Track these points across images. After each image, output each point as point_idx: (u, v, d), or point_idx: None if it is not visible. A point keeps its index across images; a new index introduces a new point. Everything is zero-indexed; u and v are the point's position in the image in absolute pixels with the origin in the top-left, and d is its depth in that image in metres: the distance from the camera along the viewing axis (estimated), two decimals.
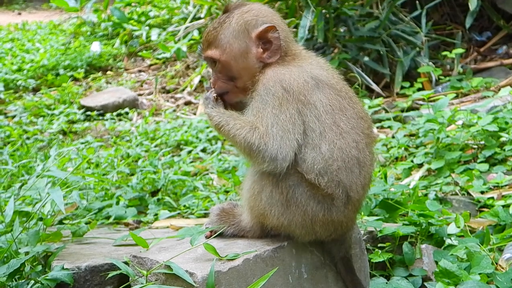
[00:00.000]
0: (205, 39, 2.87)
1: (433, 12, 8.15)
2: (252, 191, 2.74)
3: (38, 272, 2.96)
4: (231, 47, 2.80)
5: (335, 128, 2.69)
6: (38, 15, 14.53)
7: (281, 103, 2.65)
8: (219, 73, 2.85)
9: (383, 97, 6.93)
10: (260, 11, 2.85)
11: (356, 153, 2.71)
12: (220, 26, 2.83)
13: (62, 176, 3.29)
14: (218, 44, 2.82)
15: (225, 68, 2.82)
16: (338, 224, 2.74)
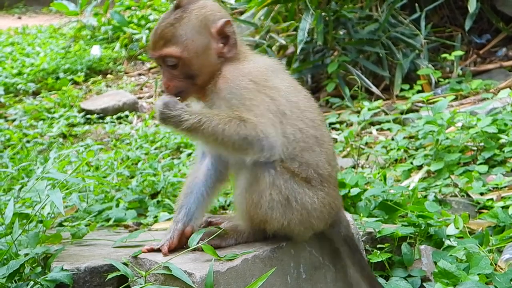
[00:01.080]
0: (160, 36, 2.71)
1: (433, 15, 8.16)
2: (250, 200, 2.71)
3: (37, 273, 2.96)
4: (193, 43, 2.72)
5: (297, 109, 2.77)
6: (38, 19, 14.55)
7: (255, 95, 2.67)
8: (176, 72, 2.73)
9: (382, 100, 6.94)
10: (213, 6, 2.82)
11: (314, 131, 2.79)
12: (178, 21, 2.71)
13: (62, 178, 3.30)
14: (177, 41, 2.70)
15: (185, 65, 2.72)
16: (328, 207, 2.78)
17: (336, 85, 7.25)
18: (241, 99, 2.66)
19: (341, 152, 6.02)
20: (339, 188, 3.96)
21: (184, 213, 2.82)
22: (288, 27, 7.81)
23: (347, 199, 4.17)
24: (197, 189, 2.85)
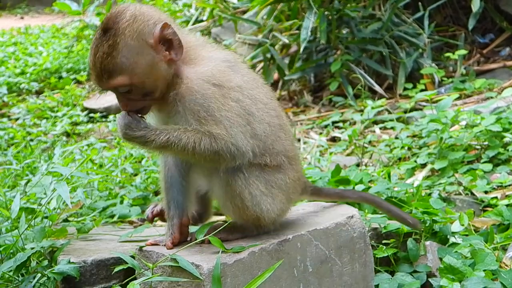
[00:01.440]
0: (102, 70, 2.51)
1: (436, 14, 8.16)
2: (234, 206, 2.72)
3: (44, 266, 2.97)
4: (138, 66, 2.53)
5: (262, 104, 2.77)
6: (40, 19, 14.58)
7: (222, 102, 2.61)
8: (131, 95, 2.59)
9: (386, 99, 6.94)
10: (144, 14, 2.60)
11: (278, 120, 2.84)
12: (114, 49, 2.50)
13: (67, 173, 3.30)
14: (121, 70, 2.51)
15: (138, 88, 2.57)
16: (298, 180, 2.91)
17: (339, 84, 7.25)
18: (209, 110, 2.59)
19: (344, 151, 6.02)
20: (342, 184, 4.03)
21: (174, 207, 2.80)
22: (291, 26, 7.81)
23: None
24: (175, 181, 2.81)
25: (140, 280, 2.54)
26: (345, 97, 7.21)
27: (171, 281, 2.55)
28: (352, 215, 2.95)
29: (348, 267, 2.90)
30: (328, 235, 2.83)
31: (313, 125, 6.89)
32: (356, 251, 2.92)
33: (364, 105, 6.56)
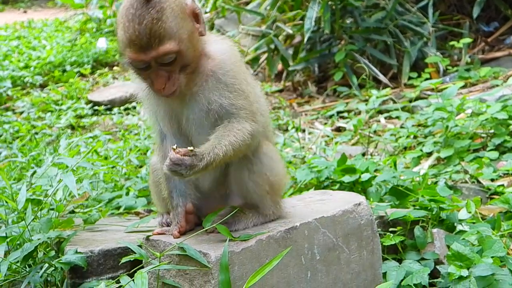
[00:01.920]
0: (152, 36, 2.45)
1: (440, 3, 8.12)
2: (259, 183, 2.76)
3: (51, 257, 2.97)
4: (183, 32, 2.53)
5: (258, 91, 2.88)
6: (43, 12, 14.57)
7: (244, 78, 2.70)
8: (172, 68, 2.54)
9: (390, 88, 6.92)
10: None
11: (263, 98, 2.95)
12: (162, 15, 2.46)
13: (73, 163, 3.29)
14: (171, 35, 2.48)
15: (182, 57, 2.54)
16: None
17: (343, 74, 7.23)
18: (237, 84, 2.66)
19: (349, 140, 6.00)
20: (349, 173, 4.03)
21: (176, 196, 2.78)
22: (294, 16, 7.79)
23: (357, 184, 4.17)
24: None
25: (147, 269, 2.53)
26: (349, 87, 7.20)
27: (178, 269, 2.55)
28: (359, 203, 2.94)
29: (355, 254, 2.89)
30: (335, 222, 2.82)
31: (318, 116, 6.87)
32: (364, 238, 2.91)
33: (369, 94, 6.54)
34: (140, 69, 2.55)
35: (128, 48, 2.50)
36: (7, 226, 3.28)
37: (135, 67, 2.55)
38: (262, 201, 2.80)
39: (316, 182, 4.36)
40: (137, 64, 2.53)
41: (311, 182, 4.40)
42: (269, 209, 2.81)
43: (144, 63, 2.51)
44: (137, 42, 2.46)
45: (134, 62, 2.52)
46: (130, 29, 2.46)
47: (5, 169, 5.31)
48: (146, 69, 2.54)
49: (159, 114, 2.77)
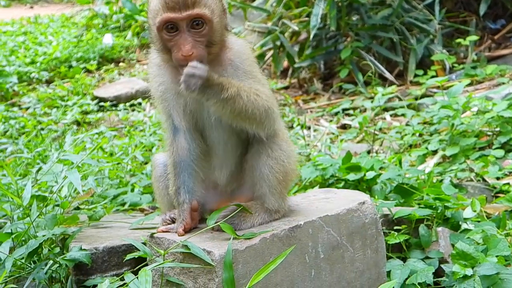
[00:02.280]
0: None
1: (446, 0, 8.08)
2: (278, 167, 2.79)
3: (56, 253, 2.98)
4: (217, 8, 2.65)
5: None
6: (50, 8, 14.58)
7: (257, 67, 2.81)
8: (200, 38, 2.61)
9: (396, 85, 6.91)
10: None
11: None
12: None
13: (78, 160, 3.30)
14: (205, 3, 2.60)
15: (211, 30, 2.62)
16: None
17: (349, 71, 7.22)
18: (254, 72, 2.74)
19: (355, 138, 5.99)
20: (354, 171, 4.02)
21: (184, 192, 2.79)
22: (300, 13, 7.77)
23: (362, 182, 4.16)
24: (185, 166, 2.80)
25: (151, 266, 2.54)
26: (355, 84, 7.18)
27: (182, 267, 2.55)
28: (363, 201, 2.93)
29: (360, 253, 2.89)
30: (339, 221, 2.82)
31: (323, 113, 6.86)
32: (368, 237, 2.91)
33: (375, 92, 6.53)
34: (169, 34, 2.59)
35: (162, 10, 2.57)
36: (12, 222, 3.29)
37: (165, 30, 2.60)
38: (270, 192, 2.80)
39: (321, 179, 4.36)
40: (169, 25, 2.58)
41: (316, 179, 4.39)
42: (274, 204, 2.81)
43: (176, 24, 2.57)
44: (175, 1, 2.55)
45: (167, 22, 2.58)
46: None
47: (11, 164, 5.33)
48: (175, 34, 2.59)
49: (176, 107, 2.78)
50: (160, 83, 2.79)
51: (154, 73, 2.82)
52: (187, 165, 2.80)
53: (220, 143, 2.83)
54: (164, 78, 2.78)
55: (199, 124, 2.80)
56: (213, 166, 2.87)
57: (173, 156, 2.82)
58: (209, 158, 2.86)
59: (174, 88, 2.73)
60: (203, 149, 2.84)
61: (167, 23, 2.59)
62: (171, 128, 2.82)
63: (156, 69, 2.82)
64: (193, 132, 2.81)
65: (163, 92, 2.79)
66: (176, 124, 2.80)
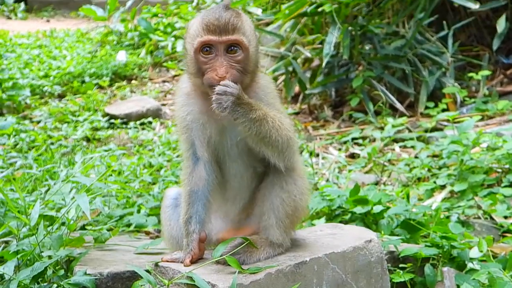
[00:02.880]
0: (229, 23, 2.70)
1: (460, 33, 8.11)
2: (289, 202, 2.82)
3: (60, 276, 2.98)
4: (253, 40, 2.80)
5: None
6: (66, 22, 14.71)
7: (282, 109, 2.92)
8: (235, 63, 2.73)
9: (406, 117, 6.91)
10: None
11: None
12: (240, 16, 2.75)
13: (87, 183, 3.33)
14: (244, 32, 2.74)
15: (246, 58, 2.74)
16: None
17: (360, 100, 7.23)
18: (277, 106, 2.86)
19: (363, 168, 5.99)
20: (361, 204, 4.01)
21: (195, 222, 2.82)
22: (314, 40, 7.81)
23: (369, 216, 4.15)
24: (200, 196, 2.84)
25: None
26: (365, 114, 7.19)
27: None
28: (370, 239, 2.93)
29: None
30: (345, 258, 2.81)
31: (333, 141, 6.87)
32: (373, 275, 2.90)
33: (385, 122, 6.53)
34: (206, 56, 2.70)
35: (202, 33, 2.70)
36: (18, 240, 3.31)
37: (202, 52, 2.70)
38: (277, 224, 2.82)
39: (328, 210, 4.35)
40: (206, 47, 2.70)
41: (322, 210, 4.39)
42: (279, 237, 2.82)
43: (214, 47, 2.69)
44: (215, 24, 2.69)
45: (205, 44, 2.70)
46: (210, 15, 2.71)
47: (19, 179, 5.35)
48: (212, 57, 2.71)
49: (200, 137, 2.84)
50: (188, 112, 2.85)
51: (182, 102, 2.88)
52: (202, 195, 2.84)
53: (237, 175, 2.88)
54: (192, 108, 2.85)
55: (219, 156, 2.87)
56: (227, 198, 2.92)
57: (190, 185, 2.86)
58: (224, 191, 2.90)
59: (201, 118, 2.81)
60: (219, 181, 2.89)
61: (205, 46, 2.70)
62: (192, 157, 2.88)
63: (184, 98, 2.88)
64: (213, 164, 2.87)
65: (190, 122, 2.85)
66: (198, 154, 2.86)
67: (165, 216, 3.00)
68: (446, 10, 8.06)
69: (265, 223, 2.82)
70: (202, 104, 2.81)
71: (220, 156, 2.87)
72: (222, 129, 2.82)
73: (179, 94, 2.92)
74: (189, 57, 2.77)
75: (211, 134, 2.83)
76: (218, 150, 2.86)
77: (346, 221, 4.14)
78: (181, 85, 2.93)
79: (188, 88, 2.88)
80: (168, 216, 2.98)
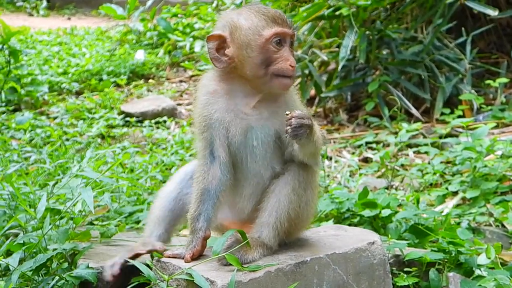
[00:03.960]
0: (288, 18, 2.89)
1: (479, 40, 8.04)
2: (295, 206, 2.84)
3: (64, 269, 3.00)
4: None
5: None
6: (86, 21, 14.85)
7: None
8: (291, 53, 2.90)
9: (422, 122, 6.86)
10: None
11: None
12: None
13: (95, 177, 3.34)
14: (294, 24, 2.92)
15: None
16: None
17: (375, 105, 7.19)
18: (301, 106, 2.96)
19: (375, 172, 5.96)
20: (369, 208, 3.99)
21: (203, 220, 2.84)
22: (331, 43, 7.79)
23: (377, 219, 4.13)
24: (212, 195, 2.87)
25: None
26: (380, 118, 7.15)
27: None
28: (373, 241, 2.91)
29: None
30: (347, 260, 2.80)
31: (346, 144, 6.84)
32: (375, 278, 2.88)
33: (399, 127, 6.49)
34: (276, 47, 2.80)
35: (271, 24, 2.82)
36: (25, 233, 3.34)
37: (273, 42, 2.81)
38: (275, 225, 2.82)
39: (336, 213, 4.33)
40: (280, 38, 2.81)
41: (331, 212, 4.37)
42: (271, 239, 2.82)
43: (284, 38, 2.82)
44: (281, 18, 2.84)
45: (278, 35, 2.81)
46: (271, 11, 2.87)
47: (32, 173, 5.41)
48: (281, 47, 2.81)
49: (221, 137, 2.88)
50: (213, 110, 2.88)
51: (206, 101, 2.91)
52: (214, 195, 2.86)
53: (257, 175, 2.91)
54: (218, 106, 2.88)
55: (241, 155, 2.89)
56: (244, 196, 2.93)
57: (204, 183, 2.88)
58: (239, 189, 2.93)
59: (227, 116, 2.86)
60: (233, 182, 2.92)
61: (278, 37, 2.81)
62: (209, 156, 2.90)
63: (209, 96, 2.91)
64: (228, 164, 2.90)
65: (214, 120, 2.88)
66: (215, 154, 2.89)
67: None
68: (465, 17, 7.99)
69: (263, 220, 2.81)
70: (229, 103, 2.86)
71: (241, 156, 2.89)
72: (248, 129, 2.86)
73: (202, 93, 2.94)
74: (254, 49, 2.81)
75: (235, 134, 2.86)
76: (240, 150, 2.88)
77: (355, 224, 4.12)
78: (206, 83, 2.96)
79: (213, 87, 2.92)
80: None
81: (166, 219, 3.07)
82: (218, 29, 2.91)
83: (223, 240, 2.68)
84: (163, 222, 3.07)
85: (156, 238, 3.03)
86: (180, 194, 3.08)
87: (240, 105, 2.86)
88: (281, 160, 2.91)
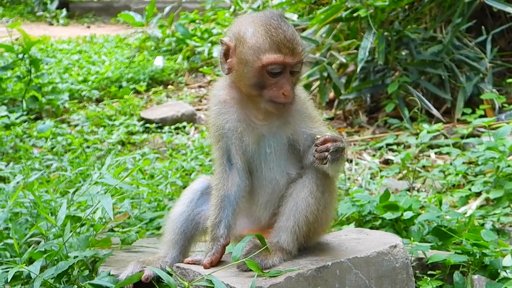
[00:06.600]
0: (298, 43, 2.74)
1: (500, 39, 7.94)
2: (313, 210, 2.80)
3: (85, 276, 3.01)
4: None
5: None
6: (106, 29, 14.97)
7: (317, 114, 2.98)
8: (294, 80, 2.80)
9: (443, 123, 6.78)
10: None
11: None
12: (295, 31, 2.77)
13: (115, 184, 3.35)
14: (305, 50, 2.79)
15: (299, 74, 2.82)
16: None
17: (395, 106, 7.13)
18: (317, 118, 2.93)
19: (397, 174, 5.90)
20: (391, 210, 3.94)
21: (223, 227, 2.84)
22: (349, 45, 7.75)
23: (399, 222, 4.08)
24: (232, 202, 2.86)
25: None
26: (401, 120, 7.09)
27: None
28: (395, 245, 2.87)
29: None
30: (369, 264, 2.76)
31: (367, 146, 6.79)
32: (398, 282, 2.84)
33: (420, 128, 6.42)
34: (273, 74, 2.73)
35: (273, 51, 2.70)
36: (46, 241, 3.35)
37: (271, 70, 2.72)
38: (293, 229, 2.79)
39: (358, 216, 4.29)
40: (278, 67, 2.71)
41: (352, 215, 4.33)
42: (289, 243, 2.81)
43: (284, 67, 2.71)
44: (287, 45, 2.69)
45: (278, 64, 2.71)
46: (280, 34, 2.70)
47: (54, 181, 5.45)
48: (278, 74, 2.72)
49: (236, 145, 2.86)
50: (225, 120, 2.87)
51: (218, 110, 2.89)
52: (234, 201, 2.86)
53: (272, 182, 2.89)
54: (230, 116, 2.86)
55: (255, 163, 2.88)
56: (260, 204, 2.92)
57: (223, 190, 2.88)
58: (255, 196, 2.92)
59: (240, 126, 2.84)
60: (251, 189, 2.91)
61: (276, 65, 2.71)
62: (227, 163, 2.89)
63: (221, 106, 2.89)
64: (246, 171, 2.89)
65: (227, 130, 2.86)
66: (233, 161, 2.88)
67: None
68: (485, 15, 7.90)
69: (281, 224, 2.79)
70: (240, 113, 2.84)
71: (256, 164, 2.89)
72: (260, 137, 2.85)
73: (214, 102, 2.93)
74: (250, 70, 2.76)
75: (248, 143, 2.85)
76: (254, 158, 2.88)
77: (376, 227, 4.08)
78: (216, 93, 2.94)
79: (224, 96, 2.90)
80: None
81: (179, 242, 3.06)
82: (229, 36, 2.88)
83: (242, 245, 2.67)
84: (177, 245, 3.06)
85: (171, 260, 3.02)
86: (192, 215, 3.06)
87: (251, 114, 2.85)
88: (297, 165, 2.89)
